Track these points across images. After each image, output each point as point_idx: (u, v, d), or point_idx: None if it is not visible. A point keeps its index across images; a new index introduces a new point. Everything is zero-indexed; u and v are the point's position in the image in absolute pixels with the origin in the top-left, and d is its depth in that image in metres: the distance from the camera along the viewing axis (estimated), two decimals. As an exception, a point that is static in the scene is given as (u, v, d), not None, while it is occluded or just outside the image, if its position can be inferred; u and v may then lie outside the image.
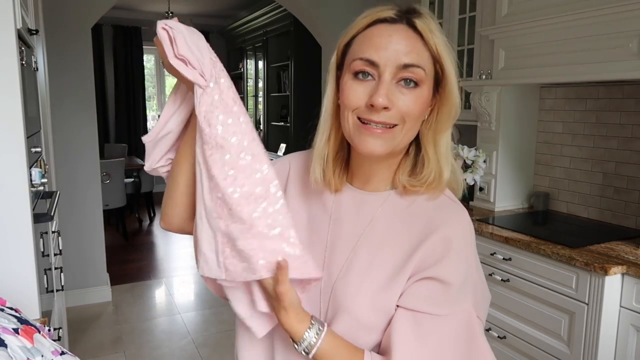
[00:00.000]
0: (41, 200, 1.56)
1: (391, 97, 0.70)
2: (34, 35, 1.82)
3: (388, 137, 0.72)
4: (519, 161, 2.68)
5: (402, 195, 0.79)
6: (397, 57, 0.70)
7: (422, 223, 0.76)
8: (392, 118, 0.71)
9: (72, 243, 3.32)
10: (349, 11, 3.94)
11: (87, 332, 3.11)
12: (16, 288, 1.26)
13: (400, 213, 0.78)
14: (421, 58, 0.71)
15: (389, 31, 0.71)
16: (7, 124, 1.22)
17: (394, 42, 0.70)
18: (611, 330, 1.81)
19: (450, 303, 0.73)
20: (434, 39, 0.72)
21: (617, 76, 1.95)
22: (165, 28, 0.68)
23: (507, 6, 2.38)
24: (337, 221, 0.81)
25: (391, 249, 0.76)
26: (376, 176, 0.80)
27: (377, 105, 0.69)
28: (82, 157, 3.40)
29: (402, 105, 0.71)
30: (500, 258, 2.18)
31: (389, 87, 0.70)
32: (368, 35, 0.73)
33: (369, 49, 0.71)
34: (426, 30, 0.71)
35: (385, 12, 0.73)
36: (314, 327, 0.72)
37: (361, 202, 0.81)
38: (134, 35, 6.92)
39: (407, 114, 0.72)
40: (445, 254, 0.73)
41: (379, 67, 0.71)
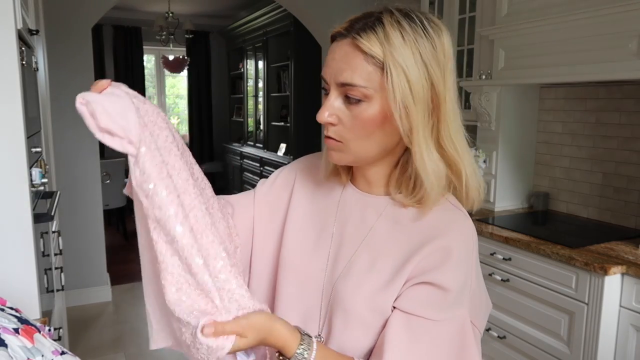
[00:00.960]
0: (41, 200, 1.56)
1: (337, 112, 0.73)
2: (34, 35, 1.82)
3: (340, 148, 0.75)
4: (519, 161, 2.68)
5: (399, 206, 0.80)
6: (336, 75, 0.72)
7: (423, 230, 0.76)
8: (337, 134, 0.74)
9: (72, 243, 3.32)
10: (348, 11, 3.93)
11: (87, 332, 3.11)
12: (16, 288, 1.26)
13: (401, 219, 0.79)
14: (361, 74, 0.69)
15: (335, 48, 0.73)
16: (7, 124, 1.22)
17: (335, 60, 0.72)
18: (611, 330, 1.81)
19: (446, 309, 0.73)
20: (382, 50, 0.68)
21: (617, 76, 1.95)
22: (83, 102, 0.66)
23: (507, 6, 2.38)
24: (342, 221, 0.83)
25: (391, 254, 0.77)
26: (372, 179, 0.82)
27: (318, 120, 0.74)
28: (82, 157, 3.40)
29: (348, 121, 0.73)
30: (500, 258, 2.18)
31: (334, 103, 0.73)
32: (328, 52, 0.75)
33: (324, 66, 0.75)
34: (372, 42, 0.68)
35: (338, 27, 0.74)
36: (305, 342, 0.71)
37: (365, 205, 0.82)
38: (134, 36, 6.92)
39: (353, 128, 0.72)
40: (445, 260, 0.73)
41: (328, 84, 0.74)
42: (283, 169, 0.94)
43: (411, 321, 0.72)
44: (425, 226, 0.76)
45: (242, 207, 0.90)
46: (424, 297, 0.73)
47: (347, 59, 0.70)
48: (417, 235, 0.76)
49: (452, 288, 0.73)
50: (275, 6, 5.11)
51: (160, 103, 7.70)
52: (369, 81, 0.69)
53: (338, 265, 0.80)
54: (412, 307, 0.73)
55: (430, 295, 0.73)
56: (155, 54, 7.46)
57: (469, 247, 0.76)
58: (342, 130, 0.74)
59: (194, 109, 7.53)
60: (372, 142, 0.74)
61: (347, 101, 0.72)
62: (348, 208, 0.83)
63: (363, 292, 0.76)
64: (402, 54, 0.68)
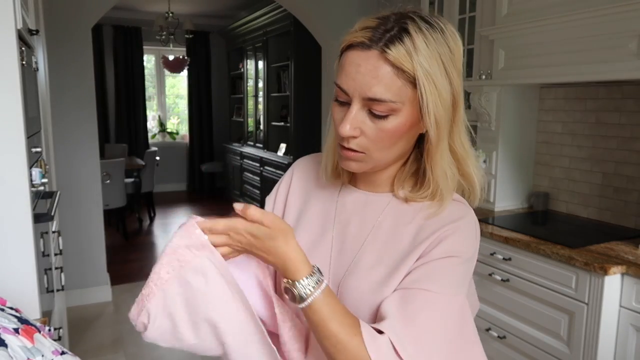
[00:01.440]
0: (41, 200, 1.56)
1: (360, 125, 0.71)
2: (34, 35, 1.82)
3: (360, 159, 0.74)
4: (519, 161, 2.68)
5: (403, 202, 0.80)
6: (363, 89, 0.69)
7: (431, 222, 0.77)
8: (360, 145, 0.72)
9: (72, 243, 3.32)
10: (348, 11, 3.94)
11: (87, 332, 3.11)
12: (16, 288, 1.26)
13: (405, 215, 0.79)
14: (390, 89, 0.68)
15: (358, 59, 0.69)
16: (7, 124, 1.22)
17: (361, 73, 0.68)
18: (611, 330, 1.81)
19: (449, 284, 0.72)
20: (413, 64, 0.67)
21: (617, 76, 1.95)
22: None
23: (507, 6, 2.38)
24: (343, 222, 0.82)
25: (396, 248, 0.77)
26: (376, 179, 0.82)
27: (341, 134, 0.71)
28: (82, 157, 3.40)
29: (372, 133, 0.71)
30: (500, 258, 2.18)
31: (357, 116, 0.70)
32: (343, 61, 0.71)
33: (342, 75, 0.71)
34: (403, 57, 0.66)
35: (360, 35, 0.69)
36: (315, 276, 0.70)
37: (366, 204, 0.82)
38: (134, 36, 6.92)
39: (377, 140, 0.71)
40: (451, 233, 0.74)
41: (349, 96, 0.70)
42: (281, 180, 0.94)
43: (411, 293, 0.71)
44: (430, 217, 0.77)
45: None
46: (429, 271, 0.72)
47: (377, 74, 0.67)
48: (423, 227, 0.76)
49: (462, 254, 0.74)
50: (275, 6, 5.11)
51: (160, 103, 7.71)
52: (399, 95, 0.69)
53: (342, 265, 0.80)
54: (411, 282, 0.73)
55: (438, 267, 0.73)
56: (155, 54, 7.46)
57: (472, 227, 0.77)
58: (365, 142, 0.72)
59: (194, 109, 7.53)
60: (394, 150, 0.74)
61: (371, 114, 0.70)
62: (348, 208, 0.83)
63: (369, 287, 0.75)
64: (430, 64, 0.68)
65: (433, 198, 0.76)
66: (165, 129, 7.72)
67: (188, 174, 7.74)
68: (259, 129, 6.32)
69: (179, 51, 7.07)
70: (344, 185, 0.85)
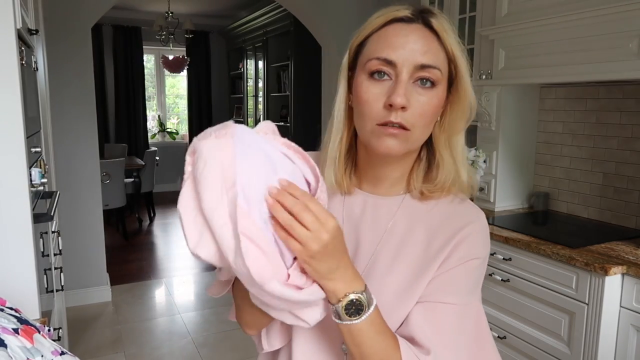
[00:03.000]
0: (41, 200, 1.56)
1: (409, 96, 0.69)
2: (34, 35, 1.82)
3: (404, 137, 0.71)
4: (519, 161, 2.68)
5: (420, 199, 0.78)
6: (415, 56, 0.69)
7: (444, 226, 0.76)
8: (408, 120, 0.70)
9: (72, 243, 3.32)
10: (348, 11, 3.94)
11: (87, 332, 3.11)
12: (16, 288, 1.26)
13: (421, 217, 0.77)
14: (437, 58, 0.71)
15: (405, 31, 0.70)
16: (7, 124, 1.22)
17: (412, 42, 0.69)
18: (611, 330, 1.81)
19: (467, 291, 0.74)
20: (449, 39, 0.72)
21: (617, 76, 1.95)
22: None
23: (507, 6, 2.38)
24: (353, 226, 0.79)
25: (412, 252, 0.75)
26: (387, 179, 0.79)
27: (395, 104, 0.68)
28: (82, 157, 3.40)
29: (419, 106, 0.70)
30: (500, 258, 2.18)
31: (407, 86, 0.69)
32: (384, 35, 0.71)
33: (386, 48, 0.70)
34: (442, 30, 0.71)
35: (402, 11, 0.72)
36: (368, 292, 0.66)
37: (375, 207, 0.79)
38: (134, 35, 6.92)
39: (423, 114, 0.70)
40: (467, 235, 0.74)
41: (397, 67, 0.69)
42: None
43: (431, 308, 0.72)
44: (445, 222, 0.76)
45: None
46: (448, 281, 0.73)
47: (427, 42, 0.70)
48: (439, 231, 0.75)
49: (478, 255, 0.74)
50: (275, 6, 5.11)
51: (160, 103, 7.70)
52: (443, 66, 0.71)
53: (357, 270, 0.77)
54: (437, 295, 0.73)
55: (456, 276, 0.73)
56: (155, 54, 7.46)
57: (485, 232, 0.78)
58: (411, 117, 0.70)
59: (194, 109, 7.53)
60: (428, 130, 0.74)
61: (418, 85, 0.70)
62: (357, 212, 0.80)
63: (388, 292, 0.74)
64: (456, 44, 0.73)
65: (446, 184, 0.76)
66: (165, 129, 7.72)
67: (188, 174, 7.73)
68: (259, 129, 6.31)
69: (178, 51, 7.07)
70: (348, 191, 0.81)
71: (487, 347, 0.81)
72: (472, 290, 0.75)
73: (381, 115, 0.70)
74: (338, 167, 0.78)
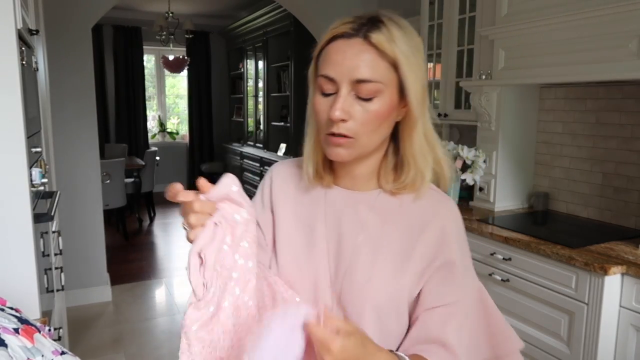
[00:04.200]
0: (41, 200, 1.56)
1: (349, 109, 0.74)
2: (34, 35, 1.82)
3: (349, 145, 0.77)
4: (519, 161, 2.68)
5: (392, 195, 0.84)
6: (350, 72, 0.73)
7: (416, 218, 0.82)
8: (350, 129, 0.75)
9: (72, 243, 3.32)
10: (349, 11, 3.94)
11: (87, 332, 3.12)
12: (16, 288, 1.26)
13: (394, 211, 0.84)
14: (376, 71, 0.73)
15: (343, 47, 0.74)
16: (7, 124, 1.22)
17: (348, 58, 0.73)
18: (611, 330, 1.81)
19: (461, 285, 0.81)
20: (393, 48, 0.73)
21: (617, 76, 1.95)
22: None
23: (507, 6, 2.38)
24: (334, 222, 0.85)
25: (391, 243, 0.81)
26: (360, 176, 0.85)
27: (333, 118, 0.74)
28: (82, 157, 3.40)
29: (360, 116, 0.75)
30: (500, 258, 2.18)
31: (346, 100, 0.74)
32: (327, 52, 0.76)
33: (328, 65, 0.75)
34: (383, 42, 0.73)
35: (342, 27, 0.75)
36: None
37: (354, 202, 0.85)
38: (134, 35, 6.92)
39: (365, 123, 0.75)
40: (443, 238, 0.81)
41: (337, 83, 0.74)
42: (262, 187, 0.94)
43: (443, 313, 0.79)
44: (417, 214, 0.83)
45: None
46: (440, 285, 0.80)
47: (363, 57, 0.73)
48: (412, 223, 0.82)
49: (457, 258, 0.81)
50: (275, 6, 5.11)
51: (160, 103, 7.71)
52: (383, 76, 0.74)
53: (341, 264, 0.82)
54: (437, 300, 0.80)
55: (446, 278, 0.80)
56: (155, 54, 7.46)
57: (458, 222, 0.85)
58: (354, 126, 0.75)
59: (194, 109, 7.53)
60: (378, 134, 0.78)
61: (358, 97, 0.75)
62: (337, 208, 0.85)
63: (374, 284, 0.79)
64: (405, 48, 0.74)
65: (414, 184, 0.81)
66: (165, 129, 7.72)
67: (188, 174, 7.74)
68: (259, 129, 6.32)
69: (179, 51, 7.07)
70: (329, 188, 0.87)
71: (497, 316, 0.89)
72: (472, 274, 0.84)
73: (327, 127, 0.77)
74: (316, 163, 0.85)
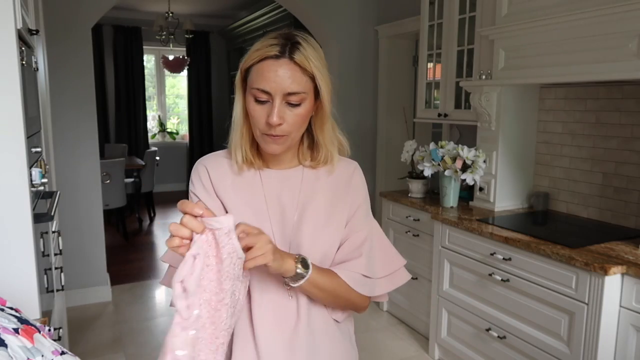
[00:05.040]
0: (41, 200, 1.56)
1: (282, 114, 0.96)
2: (34, 35, 1.82)
3: (283, 141, 0.99)
4: (519, 161, 2.68)
5: (312, 168, 1.09)
6: (283, 87, 0.94)
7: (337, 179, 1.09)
8: (284, 130, 0.97)
9: (72, 243, 3.32)
10: (348, 11, 3.94)
11: (87, 332, 3.12)
12: (16, 288, 1.26)
13: (317, 181, 1.08)
14: (300, 84, 0.95)
15: (275, 66, 0.94)
16: (7, 124, 1.22)
17: (280, 76, 0.94)
18: (611, 330, 1.81)
19: (367, 219, 1.11)
20: (310, 65, 0.96)
21: (617, 76, 1.95)
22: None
23: (507, 6, 2.38)
24: (273, 196, 1.06)
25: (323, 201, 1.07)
26: (285, 158, 1.08)
27: (272, 123, 0.95)
28: (82, 157, 3.40)
29: (291, 119, 0.97)
30: (500, 258, 2.18)
31: (280, 107, 0.95)
32: (261, 69, 0.95)
33: (263, 81, 0.95)
34: (304, 60, 0.95)
35: (271, 50, 0.94)
36: (299, 260, 0.96)
37: (285, 178, 1.07)
38: (134, 35, 6.92)
39: (294, 123, 0.98)
40: (351, 189, 1.10)
41: (271, 95, 0.95)
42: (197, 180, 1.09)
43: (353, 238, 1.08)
44: (335, 180, 1.09)
45: None
46: (356, 221, 1.09)
47: (291, 74, 0.95)
48: (333, 186, 1.08)
49: (363, 200, 1.11)
50: (275, 6, 5.11)
51: (160, 103, 7.71)
52: (305, 87, 0.97)
53: (287, 229, 1.04)
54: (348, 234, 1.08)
55: (357, 217, 1.09)
56: (155, 54, 7.46)
57: (361, 177, 1.14)
58: (287, 127, 0.97)
59: (194, 109, 7.53)
60: (302, 129, 1.02)
61: (289, 105, 0.96)
62: (273, 185, 1.07)
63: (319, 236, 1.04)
64: (317, 63, 0.97)
65: (326, 160, 1.07)
66: (165, 129, 7.72)
67: (188, 174, 7.70)
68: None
69: (179, 51, 7.07)
70: (261, 170, 1.07)
71: (387, 242, 1.14)
72: (369, 216, 1.12)
73: (265, 128, 0.97)
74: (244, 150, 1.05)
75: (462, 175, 2.60)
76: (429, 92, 3.19)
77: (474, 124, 2.74)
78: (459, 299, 2.49)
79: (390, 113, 3.99)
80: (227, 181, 1.07)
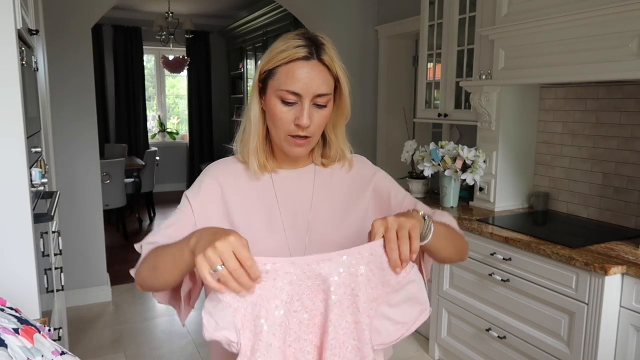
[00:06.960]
0: (41, 200, 1.56)
1: (310, 116, 0.96)
2: (34, 35, 1.82)
3: (308, 143, 0.99)
4: (519, 161, 2.68)
5: (323, 166, 1.09)
6: (313, 88, 0.94)
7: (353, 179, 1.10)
8: (310, 132, 0.97)
9: (72, 243, 3.32)
10: (348, 11, 3.94)
11: (87, 332, 3.12)
12: (16, 288, 1.26)
13: (331, 177, 1.09)
14: (328, 86, 0.96)
15: (306, 68, 0.94)
16: (7, 124, 1.22)
17: (311, 78, 0.94)
18: (611, 330, 1.81)
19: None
20: (335, 66, 0.97)
21: (617, 76, 1.95)
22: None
23: (507, 6, 2.38)
24: (286, 197, 1.05)
25: (339, 198, 1.06)
26: (301, 157, 1.06)
27: (303, 125, 0.95)
28: (82, 157, 3.40)
29: (317, 120, 0.97)
30: (500, 258, 2.18)
31: (310, 109, 0.95)
32: (291, 71, 0.94)
33: (294, 83, 0.94)
34: (330, 62, 0.96)
35: (299, 51, 0.94)
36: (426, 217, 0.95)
37: (298, 178, 1.07)
38: (134, 35, 6.91)
39: (320, 124, 0.99)
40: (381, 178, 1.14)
41: (301, 96, 0.94)
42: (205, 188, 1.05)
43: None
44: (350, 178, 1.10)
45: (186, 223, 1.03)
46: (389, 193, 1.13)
47: (321, 76, 0.95)
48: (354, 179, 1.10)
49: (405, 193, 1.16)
50: (275, 6, 5.11)
51: (160, 103, 7.70)
52: (331, 88, 0.98)
53: (300, 228, 1.02)
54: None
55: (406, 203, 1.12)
56: (155, 54, 7.46)
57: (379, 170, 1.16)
58: (313, 128, 0.97)
59: (194, 109, 7.53)
60: (322, 130, 1.02)
61: (316, 106, 0.96)
62: (286, 185, 1.06)
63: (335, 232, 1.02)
64: (340, 64, 0.98)
65: (339, 157, 1.08)
66: (165, 129, 7.72)
67: (188, 174, 7.74)
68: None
69: (179, 51, 7.07)
70: (274, 172, 1.06)
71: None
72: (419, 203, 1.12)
73: (291, 130, 0.97)
74: (259, 155, 1.03)
75: (462, 175, 2.60)
76: (429, 92, 3.19)
77: (474, 124, 2.74)
78: (459, 299, 2.49)
79: (390, 113, 3.99)
80: (239, 190, 1.04)
